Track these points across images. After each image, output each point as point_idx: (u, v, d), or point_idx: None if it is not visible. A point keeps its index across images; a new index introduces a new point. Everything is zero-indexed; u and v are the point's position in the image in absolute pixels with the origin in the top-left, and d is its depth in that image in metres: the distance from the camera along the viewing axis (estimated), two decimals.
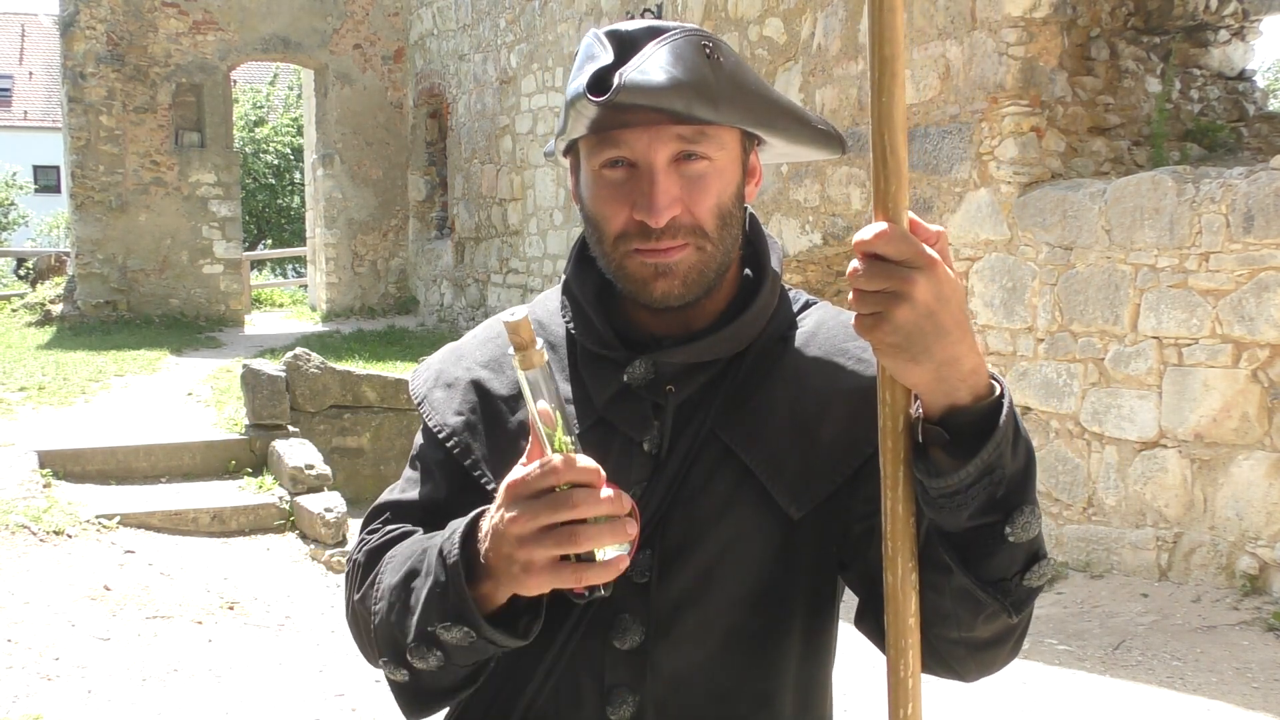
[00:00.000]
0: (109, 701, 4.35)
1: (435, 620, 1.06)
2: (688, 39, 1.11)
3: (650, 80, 1.07)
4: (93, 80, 14.23)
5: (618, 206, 1.14)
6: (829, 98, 7.32)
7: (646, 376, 1.18)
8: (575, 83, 1.11)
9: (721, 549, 1.17)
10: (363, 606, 1.18)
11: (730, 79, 1.12)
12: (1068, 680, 4.45)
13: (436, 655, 1.07)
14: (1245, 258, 4.98)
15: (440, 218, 15.11)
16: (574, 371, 1.23)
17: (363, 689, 4.56)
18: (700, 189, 1.13)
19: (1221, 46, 6.62)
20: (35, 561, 5.61)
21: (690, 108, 1.09)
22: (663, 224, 1.11)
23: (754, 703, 1.20)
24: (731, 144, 1.16)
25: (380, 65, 15.41)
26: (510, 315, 1.00)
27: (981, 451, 0.96)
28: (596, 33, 1.15)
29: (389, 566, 1.15)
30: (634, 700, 1.17)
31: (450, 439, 1.23)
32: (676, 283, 1.14)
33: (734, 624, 1.18)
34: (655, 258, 1.13)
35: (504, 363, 1.25)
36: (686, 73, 1.09)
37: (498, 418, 1.23)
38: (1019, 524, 1.00)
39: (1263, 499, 4.96)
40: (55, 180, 33.99)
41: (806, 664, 1.23)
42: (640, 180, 1.12)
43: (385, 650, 1.13)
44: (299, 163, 25.52)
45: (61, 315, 14.45)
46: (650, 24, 1.14)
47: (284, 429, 7.64)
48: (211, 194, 14.89)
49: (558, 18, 11.43)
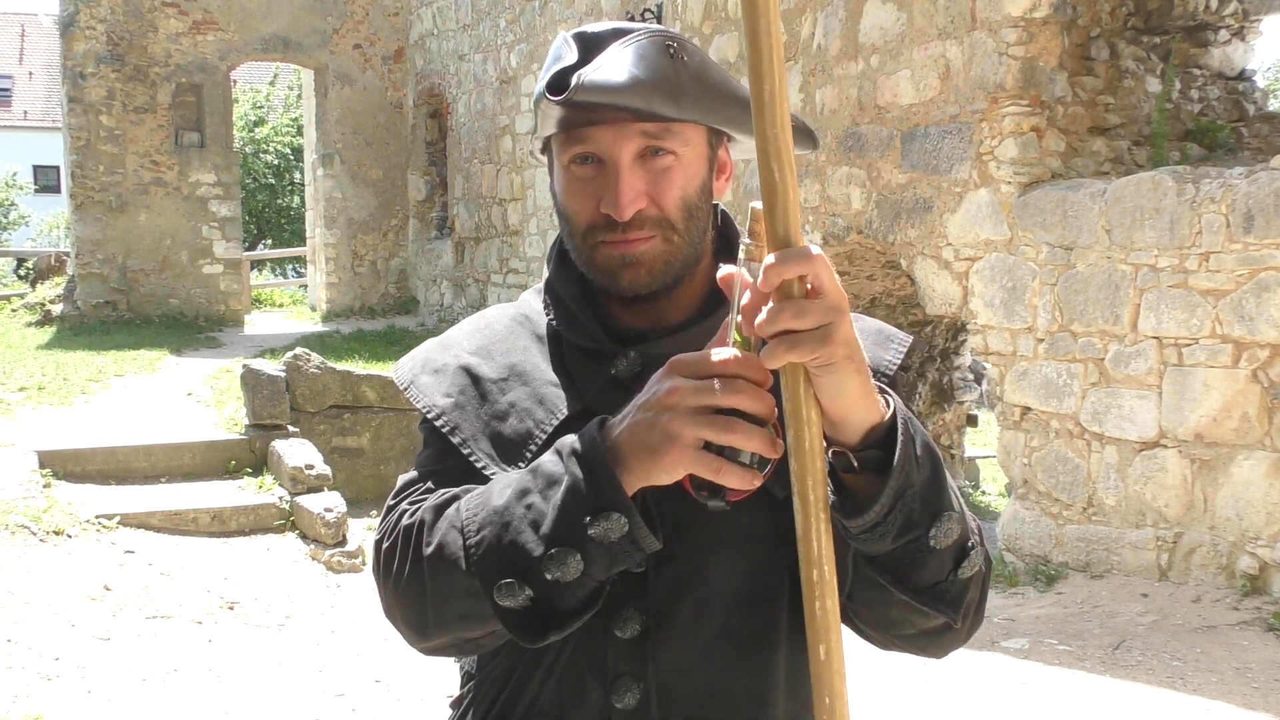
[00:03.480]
0: (109, 701, 4.35)
1: (579, 518, 1.01)
2: (651, 39, 1.15)
3: (610, 80, 1.11)
4: (93, 80, 14.23)
5: (586, 201, 1.18)
6: (829, 98, 7.32)
7: (633, 369, 1.21)
8: (540, 82, 1.16)
9: (714, 534, 1.19)
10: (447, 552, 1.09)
11: (694, 77, 1.16)
12: (1067, 680, 4.45)
13: (576, 561, 1.03)
14: (1245, 258, 4.98)
15: (440, 218, 15.11)
16: (560, 366, 1.25)
17: (363, 689, 4.56)
18: (665, 183, 1.17)
19: (1221, 46, 6.62)
20: (35, 561, 5.61)
21: (650, 105, 1.12)
22: (627, 217, 1.15)
23: (753, 682, 1.23)
24: (697, 140, 1.19)
25: (380, 65, 15.41)
26: (758, 204, 0.98)
27: (889, 482, 0.99)
28: (565, 35, 1.18)
29: (479, 500, 1.10)
30: (638, 688, 1.19)
31: (439, 418, 1.24)
32: (643, 272, 1.18)
33: (728, 609, 1.21)
34: (622, 249, 1.17)
35: (493, 350, 1.27)
36: (647, 72, 1.12)
37: (487, 398, 1.24)
38: (941, 531, 1.03)
39: (1263, 499, 4.96)
40: (55, 180, 33.98)
41: (801, 650, 1.24)
42: (607, 176, 1.16)
43: (500, 574, 1.05)
44: (299, 163, 25.54)
45: (61, 315, 14.45)
46: (617, 25, 1.17)
47: (284, 429, 7.64)
48: (211, 194, 14.89)
49: (558, 18, 11.43)
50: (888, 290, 8.07)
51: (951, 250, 6.41)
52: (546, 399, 1.23)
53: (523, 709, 1.22)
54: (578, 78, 1.10)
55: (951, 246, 6.40)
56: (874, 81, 7.03)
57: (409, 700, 4.44)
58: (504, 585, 1.05)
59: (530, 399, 1.23)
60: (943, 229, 6.43)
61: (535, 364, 1.26)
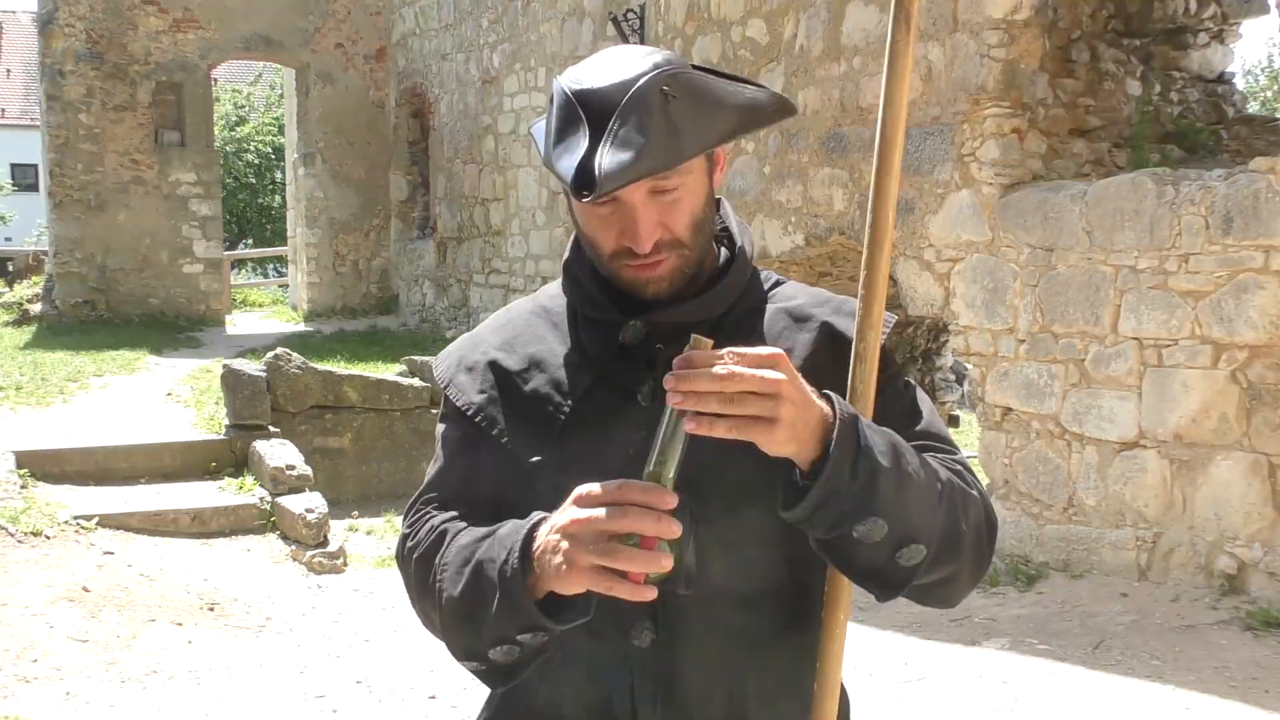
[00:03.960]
0: (87, 704, 4.32)
1: (512, 630, 1.21)
2: (650, 86, 1.23)
3: (622, 161, 1.21)
4: (71, 78, 14.14)
5: (606, 234, 1.30)
6: (811, 99, 7.34)
7: (639, 336, 1.33)
8: (559, 163, 1.25)
9: (714, 536, 1.28)
10: (430, 616, 1.33)
11: (690, 109, 1.25)
12: (1049, 678, 4.47)
13: (515, 651, 1.23)
14: (1224, 259, 5.01)
15: (422, 218, 15.06)
16: (575, 338, 1.38)
17: (344, 690, 4.55)
18: (676, 211, 1.29)
19: (1201, 49, 6.67)
20: (12, 563, 5.56)
21: (657, 166, 1.23)
22: (648, 250, 1.28)
23: (754, 681, 1.32)
24: (697, 164, 1.30)
25: (362, 64, 15.36)
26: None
27: (810, 493, 1.15)
28: (566, 92, 1.26)
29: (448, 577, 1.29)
30: (652, 651, 1.29)
31: (477, 415, 1.39)
32: (665, 285, 1.32)
33: (730, 609, 1.30)
34: (645, 272, 1.31)
35: (515, 343, 1.42)
36: (652, 135, 1.22)
37: (512, 390, 1.39)
38: (863, 531, 1.18)
39: (1241, 499, 5.00)
40: (34, 179, 33.74)
41: (801, 650, 1.32)
42: (624, 214, 1.28)
43: (461, 654, 1.29)
44: (280, 162, 25.39)
45: (39, 315, 14.34)
46: (615, 70, 1.25)
47: (265, 429, 7.60)
48: (192, 193, 14.81)
49: (540, 18, 11.42)
50: None
51: (933, 251, 6.43)
52: (562, 383, 1.36)
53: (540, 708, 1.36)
54: (599, 172, 1.20)
55: (933, 247, 6.43)
56: (856, 83, 7.04)
57: (390, 701, 4.43)
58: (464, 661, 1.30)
59: (548, 385, 1.37)
60: (924, 230, 6.45)
61: (551, 350, 1.39)
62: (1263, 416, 4.92)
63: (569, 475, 1.20)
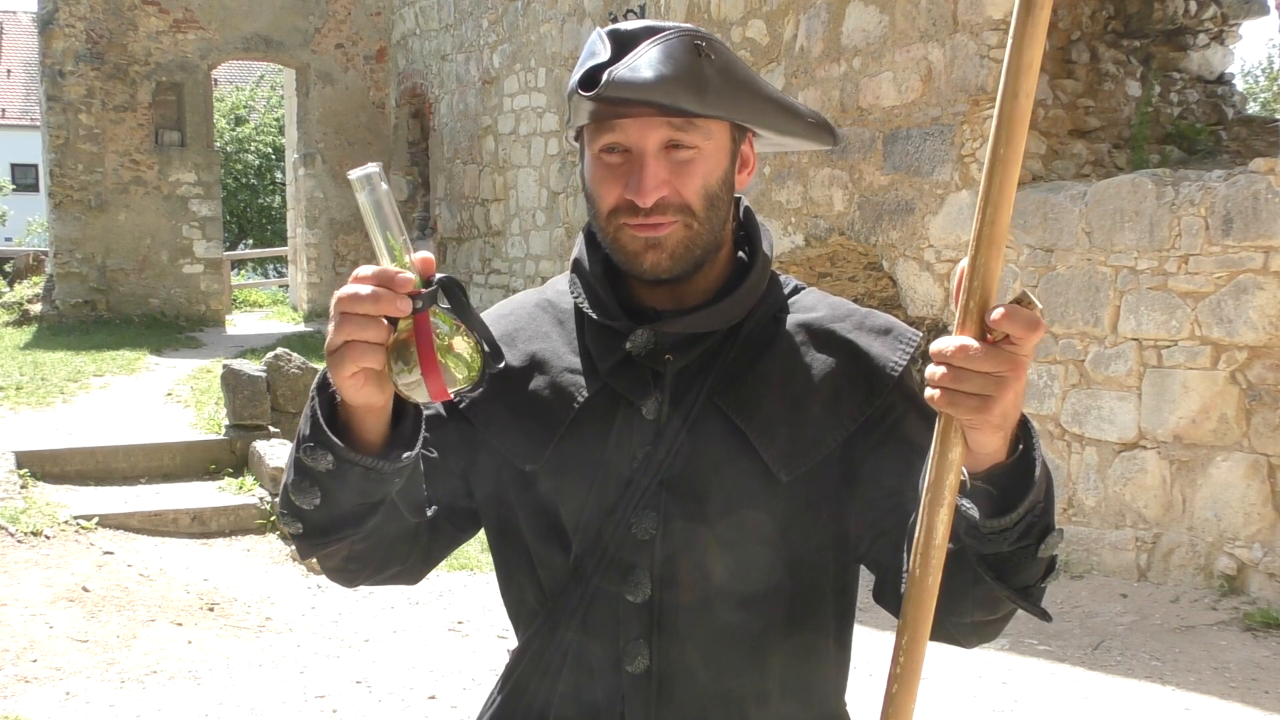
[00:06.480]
0: (87, 704, 4.32)
1: (305, 452, 1.12)
2: (681, 38, 1.21)
3: (638, 77, 1.18)
4: (72, 78, 14.13)
5: (612, 186, 1.24)
6: (811, 99, 7.34)
7: (647, 345, 1.27)
8: (574, 78, 1.22)
9: (715, 534, 1.25)
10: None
11: (720, 74, 1.22)
12: (1049, 678, 4.47)
13: (315, 492, 1.13)
14: (1224, 260, 5.01)
15: (422, 218, 15.06)
16: (580, 342, 1.32)
17: (344, 690, 4.55)
18: (687, 173, 1.23)
19: (1200, 50, 6.67)
20: (12, 563, 5.57)
21: (675, 101, 1.19)
22: (650, 203, 1.21)
23: (753, 681, 1.28)
24: (720, 134, 1.25)
25: (362, 65, 15.36)
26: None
27: (1028, 496, 1.07)
28: (600, 31, 1.25)
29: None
30: (647, 653, 1.25)
31: (461, 402, 1.34)
32: (665, 255, 1.24)
33: (729, 608, 1.26)
34: (645, 231, 1.23)
35: (515, 338, 1.35)
36: (674, 69, 1.19)
37: (510, 390, 1.32)
38: (1049, 544, 1.11)
39: (1240, 500, 5.00)
40: (34, 179, 33.74)
41: (800, 650, 1.30)
42: (632, 164, 1.22)
43: (283, 507, 1.19)
44: (280, 162, 25.40)
45: (40, 315, 14.34)
46: (650, 24, 1.23)
47: (265, 429, 7.60)
48: (192, 193, 14.80)
49: (541, 18, 11.42)
50: (869, 292, 8.09)
51: (933, 252, 6.43)
52: (563, 388, 1.30)
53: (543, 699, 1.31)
54: (609, 74, 1.17)
55: (933, 248, 6.43)
56: (856, 83, 7.05)
57: (390, 701, 4.43)
58: (282, 515, 1.19)
59: (549, 388, 1.31)
60: (924, 231, 6.46)
61: (554, 349, 1.33)
62: (1262, 417, 4.92)
63: (565, 483, 1.18)
